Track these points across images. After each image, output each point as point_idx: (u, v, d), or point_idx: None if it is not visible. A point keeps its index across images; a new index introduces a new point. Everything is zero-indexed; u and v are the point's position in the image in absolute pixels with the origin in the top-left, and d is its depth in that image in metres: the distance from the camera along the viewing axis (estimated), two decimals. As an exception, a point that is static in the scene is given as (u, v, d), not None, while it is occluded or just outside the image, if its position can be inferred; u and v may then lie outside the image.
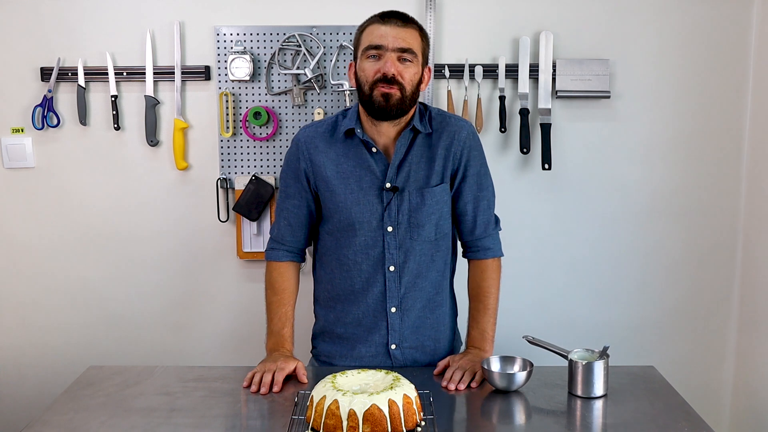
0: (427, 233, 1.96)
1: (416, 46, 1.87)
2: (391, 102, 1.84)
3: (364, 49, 1.86)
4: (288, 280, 2.04)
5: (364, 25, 1.89)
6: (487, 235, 2.02)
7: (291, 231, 2.03)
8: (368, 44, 1.85)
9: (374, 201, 1.93)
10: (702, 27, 2.49)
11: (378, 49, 1.84)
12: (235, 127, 2.52)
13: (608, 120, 2.54)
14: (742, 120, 2.54)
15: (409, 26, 1.86)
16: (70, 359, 2.62)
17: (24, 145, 2.55)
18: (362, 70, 1.87)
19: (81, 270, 2.62)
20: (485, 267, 2.03)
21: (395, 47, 1.83)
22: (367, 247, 1.95)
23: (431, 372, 1.94)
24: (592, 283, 2.62)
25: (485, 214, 2.02)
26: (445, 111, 2.03)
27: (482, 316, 2.00)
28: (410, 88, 1.86)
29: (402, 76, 1.84)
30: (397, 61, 1.84)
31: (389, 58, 1.83)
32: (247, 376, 1.87)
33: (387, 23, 1.85)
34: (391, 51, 1.83)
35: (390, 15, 1.87)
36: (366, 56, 1.86)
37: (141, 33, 2.49)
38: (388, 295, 1.96)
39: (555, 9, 2.48)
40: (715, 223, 2.59)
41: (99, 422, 1.67)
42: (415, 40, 1.86)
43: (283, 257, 2.04)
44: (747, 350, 2.55)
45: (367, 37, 1.86)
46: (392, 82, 1.83)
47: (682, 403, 1.77)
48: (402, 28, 1.85)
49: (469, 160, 1.97)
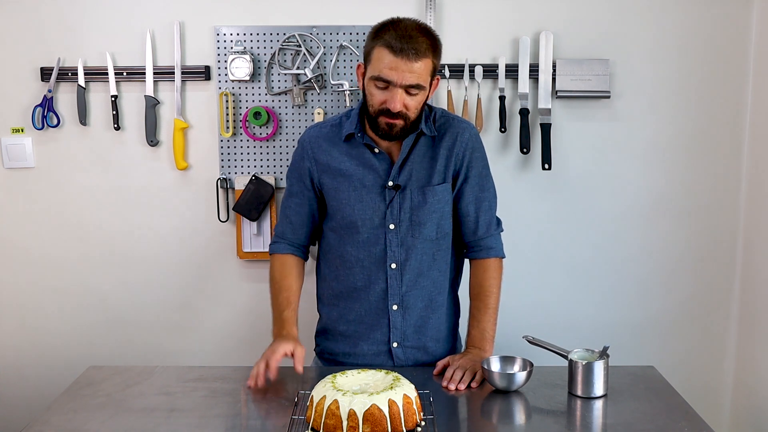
0: (428, 231, 1.97)
1: (426, 77, 1.82)
2: (394, 130, 1.86)
3: (372, 76, 1.82)
4: (290, 269, 2.04)
5: (376, 43, 1.81)
6: (489, 235, 2.03)
7: (292, 228, 2.06)
8: (377, 74, 1.80)
9: (377, 199, 1.95)
10: (702, 27, 2.49)
11: (386, 83, 1.81)
12: (235, 127, 2.52)
13: (608, 120, 2.54)
14: (742, 120, 2.54)
15: (421, 59, 1.79)
16: (70, 359, 2.62)
17: (24, 145, 2.55)
18: (369, 93, 1.85)
19: (81, 270, 2.62)
20: (487, 266, 2.03)
21: (404, 84, 1.80)
22: (369, 244, 1.97)
23: (431, 372, 1.94)
24: (592, 283, 2.62)
25: (487, 214, 2.03)
26: (448, 112, 2.04)
27: (483, 315, 2.00)
28: (414, 114, 1.86)
29: (407, 107, 1.83)
30: (405, 92, 1.82)
31: (396, 94, 1.81)
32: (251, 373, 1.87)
33: (399, 55, 1.77)
34: (399, 87, 1.81)
35: (403, 42, 1.77)
36: (374, 83, 1.83)
37: (141, 33, 2.49)
38: (390, 292, 1.97)
39: (555, 9, 2.48)
40: (715, 223, 2.59)
41: (99, 422, 1.67)
42: (425, 71, 1.82)
43: (284, 249, 2.07)
44: (747, 350, 2.55)
45: (377, 63, 1.80)
46: (396, 116, 1.83)
47: (682, 403, 1.77)
48: (414, 62, 1.78)
49: (471, 161, 1.98)
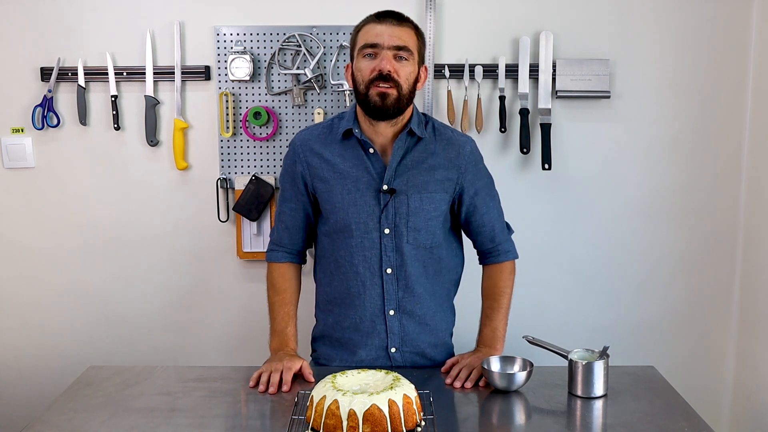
0: (423, 238, 1.96)
1: (412, 44, 1.88)
2: (387, 101, 1.85)
3: (360, 48, 1.88)
4: (289, 281, 2.05)
5: (360, 26, 1.91)
6: (506, 240, 2.07)
7: (288, 234, 2.05)
8: (364, 43, 1.86)
9: (371, 202, 1.94)
10: (702, 27, 2.49)
11: (374, 48, 1.85)
12: (235, 127, 2.52)
13: (608, 120, 2.54)
14: (742, 120, 2.54)
15: (404, 25, 1.88)
16: (70, 359, 2.62)
17: (24, 145, 2.55)
18: (359, 70, 1.88)
19: (81, 270, 2.62)
20: (503, 268, 2.06)
21: (391, 45, 1.85)
22: (363, 249, 1.95)
23: (431, 372, 1.94)
24: (592, 283, 2.62)
25: (500, 221, 2.07)
26: (447, 125, 2.07)
27: (495, 314, 2.01)
28: (406, 86, 1.87)
29: (398, 73, 1.85)
30: (393, 59, 1.85)
31: (385, 55, 1.84)
32: (253, 377, 1.87)
33: (382, 22, 1.86)
34: (387, 49, 1.85)
35: (385, 14, 1.88)
36: (362, 55, 1.87)
37: (141, 33, 2.49)
38: (386, 297, 1.96)
39: (555, 9, 2.48)
40: (715, 223, 2.59)
41: (99, 422, 1.67)
42: (410, 38, 1.88)
43: (282, 258, 2.06)
44: (747, 350, 2.55)
45: (363, 36, 1.88)
46: (388, 79, 1.84)
47: (682, 403, 1.77)
48: (397, 27, 1.86)
49: (477, 174, 2.01)
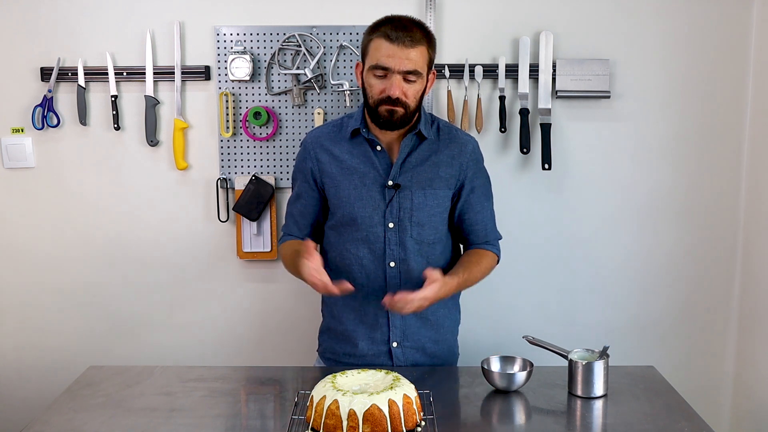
0: (426, 233, 1.99)
1: (422, 64, 1.88)
2: (395, 117, 1.90)
3: (370, 66, 1.88)
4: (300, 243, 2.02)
5: (373, 36, 1.89)
6: (495, 240, 2.09)
7: (298, 228, 2.10)
8: (375, 63, 1.87)
9: (377, 197, 1.98)
10: (702, 27, 2.49)
11: (384, 70, 1.86)
12: (235, 127, 2.52)
13: (608, 120, 2.54)
14: (742, 120, 2.54)
15: (417, 45, 1.86)
16: (70, 359, 2.62)
17: (24, 145, 2.55)
18: (369, 85, 1.91)
19: (81, 270, 2.62)
20: (487, 253, 2.06)
21: (401, 70, 1.85)
22: (368, 242, 1.99)
23: (431, 372, 1.94)
24: (592, 283, 2.62)
25: (492, 222, 2.09)
26: (451, 124, 2.09)
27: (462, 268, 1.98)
28: (414, 103, 1.91)
29: (406, 95, 1.88)
30: (403, 80, 1.86)
31: (395, 80, 1.86)
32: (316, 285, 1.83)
33: (395, 42, 1.84)
34: (397, 73, 1.85)
35: (399, 31, 1.85)
36: (372, 73, 1.89)
37: (141, 33, 2.49)
38: (389, 291, 1.97)
39: (555, 9, 2.48)
40: (715, 223, 2.59)
41: (99, 422, 1.67)
42: (421, 59, 1.88)
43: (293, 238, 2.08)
44: (747, 350, 2.55)
45: (375, 53, 1.87)
46: (396, 103, 1.87)
47: (682, 403, 1.77)
48: (410, 49, 1.85)
49: (477, 172, 2.05)
